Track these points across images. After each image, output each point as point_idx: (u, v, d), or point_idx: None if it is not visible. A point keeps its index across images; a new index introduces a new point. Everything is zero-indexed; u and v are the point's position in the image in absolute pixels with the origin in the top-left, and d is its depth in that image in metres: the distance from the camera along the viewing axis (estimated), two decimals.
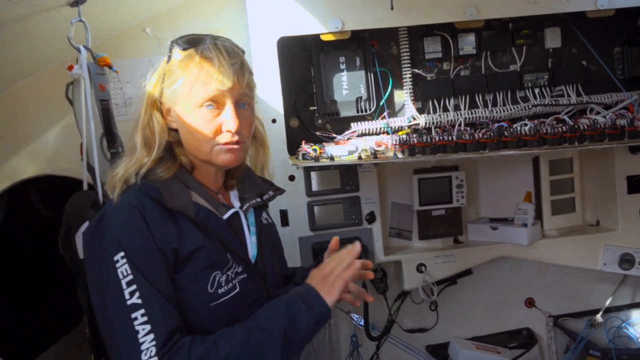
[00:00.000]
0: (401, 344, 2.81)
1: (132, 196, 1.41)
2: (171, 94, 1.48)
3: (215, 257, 1.45)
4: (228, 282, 1.46)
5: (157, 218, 1.40)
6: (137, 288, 1.32)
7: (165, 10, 2.49)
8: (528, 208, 2.59)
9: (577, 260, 2.66)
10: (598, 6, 2.39)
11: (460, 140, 2.20)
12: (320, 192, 2.46)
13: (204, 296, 1.42)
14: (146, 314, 1.31)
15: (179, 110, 1.48)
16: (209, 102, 1.45)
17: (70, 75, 1.91)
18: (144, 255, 1.36)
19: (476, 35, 2.50)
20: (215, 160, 1.49)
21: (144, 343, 1.29)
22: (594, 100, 2.53)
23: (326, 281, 1.47)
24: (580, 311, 2.89)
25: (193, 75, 1.44)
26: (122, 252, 1.34)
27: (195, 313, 1.41)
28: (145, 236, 1.37)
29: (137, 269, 1.33)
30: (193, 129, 1.46)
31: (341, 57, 2.44)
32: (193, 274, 1.42)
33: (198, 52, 1.46)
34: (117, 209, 1.40)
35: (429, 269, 2.58)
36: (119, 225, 1.37)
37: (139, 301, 1.31)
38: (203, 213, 1.47)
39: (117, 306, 1.32)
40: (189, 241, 1.42)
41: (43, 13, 1.84)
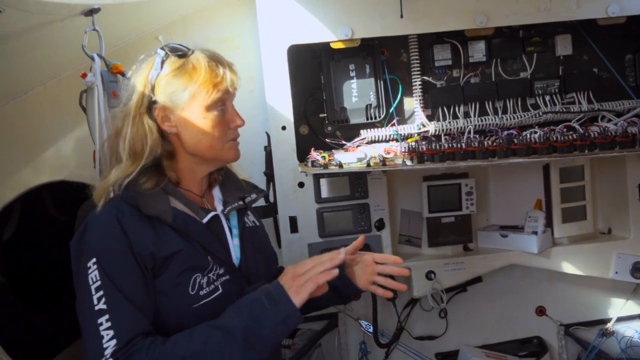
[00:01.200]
0: (410, 351, 2.80)
1: (111, 205, 1.46)
2: (175, 99, 1.50)
3: (195, 259, 1.48)
4: (209, 284, 1.49)
5: (134, 224, 1.43)
6: (103, 294, 1.35)
7: (178, 19, 2.53)
8: (538, 216, 2.57)
9: (589, 268, 2.63)
10: (609, 13, 2.38)
11: (469, 148, 2.20)
12: (330, 199, 2.48)
13: (186, 298, 1.45)
14: (110, 319, 1.33)
15: (187, 114, 1.51)
16: (220, 103, 1.52)
17: (84, 83, 1.94)
18: (114, 262, 1.39)
19: (486, 43, 2.50)
20: (224, 157, 1.59)
21: (107, 348, 1.32)
22: (606, 107, 2.51)
23: (297, 280, 1.43)
24: (591, 320, 2.86)
25: (202, 79, 1.49)
26: (94, 259, 1.38)
27: (178, 315, 1.44)
28: (119, 242, 1.40)
29: (106, 275, 1.37)
30: (207, 129, 1.52)
31: (351, 64, 2.46)
32: (173, 277, 1.44)
33: (201, 59, 1.51)
34: (96, 217, 1.45)
35: (438, 277, 2.58)
36: (96, 233, 1.42)
37: (104, 307, 1.34)
38: (181, 217, 1.50)
39: (87, 311, 1.36)
40: (167, 245, 1.45)
41: (58, 22, 1.88)
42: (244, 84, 2.53)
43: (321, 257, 1.50)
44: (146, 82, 1.52)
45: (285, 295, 1.40)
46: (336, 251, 1.52)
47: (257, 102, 2.52)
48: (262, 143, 2.53)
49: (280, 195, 2.44)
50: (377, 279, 1.66)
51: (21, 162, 2.41)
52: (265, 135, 2.51)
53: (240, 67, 2.55)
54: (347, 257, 1.67)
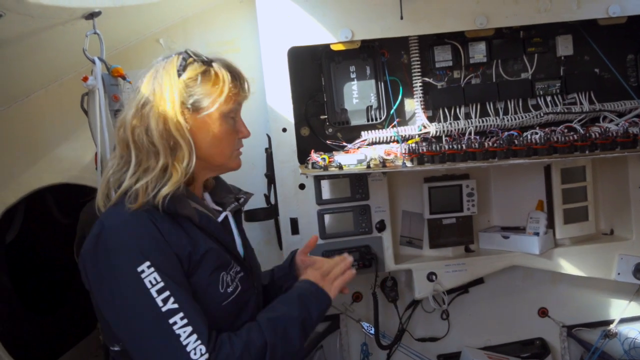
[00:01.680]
0: (412, 353, 2.80)
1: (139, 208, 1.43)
2: (196, 104, 1.51)
3: (221, 258, 1.52)
4: (232, 281, 1.54)
5: (168, 226, 1.44)
6: (170, 294, 1.35)
7: (179, 21, 2.55)
8: (540, 217, 2.57)
9: (591, 269, 2.62)
10: (610, 13, 2.38)
11: (469, 149, 2.19)
12: (331, 201, 2.48)
13: (217, 296, 1.49)
14: (185, 316, 1.35)
15: (206, 119, 1.53)
16: (233, 113, 1.59)
17: (85, 86, 1.96)
18: (168, 262, 1.40)
19: (487, 44, 2.50)
20: (231, 164, 1.65)
21: (189, 344, 1.33)
22: (607, 108, 2.50)
23: (326, 280, 1.69)
24: (594, 321, 2.85)
25: (224, 88, 1.54)
26: (147, 262, 1.36)
27: (208, 314, 1.44)
28: (163, 244, 1.41)
29: (167, 276, 1.37)
30: (220, 136, 1.57)
31: (351, 66, 2.46)
32: (206, 276, 1.47)
33: (221, 66, 1.56)
34: (125, 222, 1.41)
35: (439, 278, 2.57)
36: (136, 236, 1.39)
37: (175, 306, 1.35)
38: (204, 217, 1.53)
39: (150, 316, 1.34)
40: (200, 245, 1.48)
41: (59, 26, 1.89)
42: None
43: (333, 260, 1.79)
44: (172, 83, 1.50)
45: (322, 291, 1.64)
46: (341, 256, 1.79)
47: (258, 104, 2.52)
48: (263, 145, 2.54)
49: (281, 197, 2.44)
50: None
51: (24, 164, 2.43)
52: (266, 137, 2.51)
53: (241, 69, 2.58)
54: (298, 259, 1.88)
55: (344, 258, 1.77)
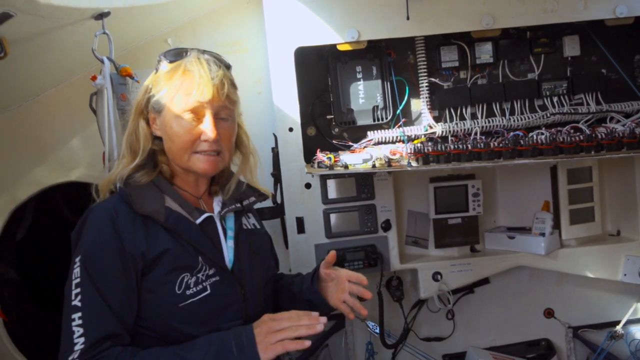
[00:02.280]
0: (417, 352, 2.80)
1: (110, 201, 1.52)
2: (156, 103, 1.57)
3: (184, 259, 1.50)
4: (197, 284, 1.50)
5: (127, 223, 1.48)
6: (80, 292, 1.40)
7: (187, 22, 2.57)
8: (546, 217, 2.56)
9: (597, 270, 2.62)
10: (617, 14, 2.37)
11: (474, 149, 2.20)
12: (336, 200, 2.49)
13: (172, 297, 1.47)
14: (82, 317, 1.38)
15: (163, 119, 1.57)
16: (189, 112, 1.53)
17: (94, 86, 1.99)
18: (100, 262, 1.43)
19: (493, 44, 2.50)
20: (193, 168, 1.57)
21: (77, 344, 1.36)
22: (614, 108, 2.49)
23: (269, 337, 1.40)
24: (600, 322, 2.84)
25: (176, 86, 1.54)
26: (80, 255, 1.43)
27: (165, 313, 1.47)
28: (109, 243, 1.44)
29: (86, 273, 1.41)
30: (173, 136, 1.55)
31: (358, 66, 2.47)
32: (161, 276, 1.48)
33: (182, 65, 1.56)
34: (92, 214, 1.51)
35: (445, 278, 2.58)
36: (88, 229, 1.47)
37: (78, 304, 1.39)
38: (174, 217, 1.53)
39: (65, 305, 1.42)
40: (157, 244, 1.48)
41: (69, 26, 1.91)
42: (251, 86, 2.60)
43: (300, 317, 1.44)
44: (148, 83, 1.60)
45: (254, 347, 1.39)
46: (315, 316, 1.45)
47: (265, 104, 2.54)
48: (270, 144, 2.55)
49: (287, 196, 2.46)
50: (347, 298, 1.71)
51: (34, 163, 2.47)
52: (272, 136, 2.53)
53: (248, 69, 2.61)
54: (322, 272, 1.74)
55: (315, 322, 1.43)
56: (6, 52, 1.66)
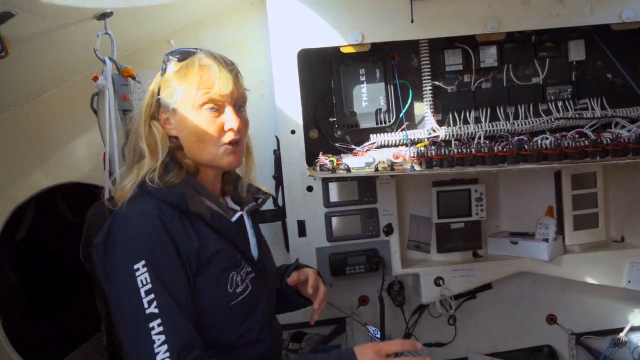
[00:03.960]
0: None
1: (149, 204, 1.45)
2: (170, 102, 1.54)
3: (231, 258, 1.52)
4: (243, 281, 1.53)
5: (177, 224, 1.45)
6: (155, 298, 1.35)
7: (190, 23, 2.56)
8: (550, 223, 2.54)
9: (601, 277, 2.59)
10: (623, 19, 2.35)
11: (478, 154, 2.18)
12: (339, 204, 2.47)
13: (226, 296, 1.48)
14: (162, 324, 1.33)
15: (180, 117, 1.54)
16: (211, 105, 1.52)
17: (96, 86, 1.98)
18: (165, 265, 1.39)
19: (498, 48, 2.48)
20: (220, 162, 1.56)
21: (159, 354, 1.31)
22: (620, 114, 2.48)
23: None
24: (604, 329, 2.81)
25: (194, 82, 1.51)
26: (143, 261, 1.37)
27: (216, 313, 1.46)
28: (167, 245, 1.41)
29: (158, 279, 1.36)
30: (197, 131, 1.52)
31: (361, 69, 2.46)
32: (214, 276, 1.47)
33: (196, 61, 1.54)
34: (135, 217, 1.43)
35: (447, 283, 2.55)
36: (141, 234, 1.41)
37: (156, 311, 1.34)
38: (216, 217, 1.53)
39: (135, 314, 1.35)
40: (210, 244, 1.48)
41: (71, 26, 1.91)
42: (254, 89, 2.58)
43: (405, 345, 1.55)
44: (155, 86, 1.57)
45: None
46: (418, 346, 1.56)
47: (268, 106, 2.53)
48: (272, 147, 2.53)
49: (289, 199, 2.44)
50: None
51: (35, 164, 2.46)
52: (274, 139, 2.51)
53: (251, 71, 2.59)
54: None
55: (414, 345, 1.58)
56: (8, 51, 1.65)
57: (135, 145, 1.56)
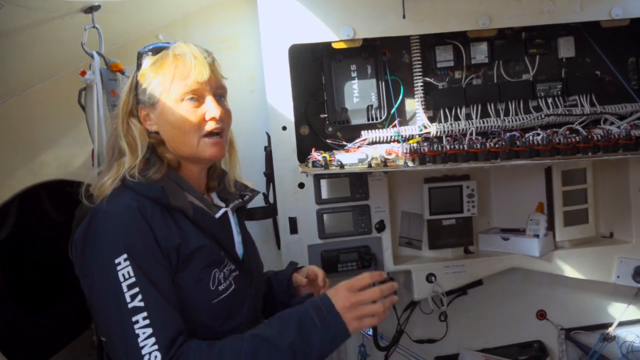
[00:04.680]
0: (410, 354, 2.78)
1: (129, 198, 1.42)
2: (148, 97, 1.51)
3: (213, 255, 1.48)
4: (225, 279, 1.50)
5: (158, 218, 1.42)
6: (139, 291, 1.32)
7: (179, 17, 2.52)
8: (540, 219, 2.56)
9: (590, 272, 2.61)
10: (613, 16, 2.37)
11: (471, 150, 2.18)
12: (330, 200, 2.46)
13: (207, 294, 1.45)
14: (148, 317, 1.31)
15: (159, 110, 1.51)
16: (190, 95, 1.49)
17: (83, 81, 1.93)
18: (147, 258, 1.37)
19: (489, 44, 2.49)
20: (202, 154, 1.53)
21: (145, 347, 1.29)
22: (608, 110, 2.49)
23: (354, 310, 1.38)
24: (593, 324, 2.83)
25: (169, 73, 1.49)
26: (124, 255, 1.34)
27: (197, 310, 1.43)
28: (148, 238, 1.38)
29: (141, 272, 1.34)
30: (178, 123, 1.50)
31: (352, 65, 2.45)
32: (195, 273, 1.44)
33: (170, 52, 1.52)
34: (115, 212, 1.40)
35: (438, 279, 2.55)
36: (121, 228, 1.38)
37: (140, 304, 1.31)
38: (199, 212, 1.50)
39: (117, 309, 1.32)
40: (191, 240, 1.45)
41: (58, 19, 1.86)
42: (244, 84, 2.56)
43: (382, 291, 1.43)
44: (131, 82, 1.55)
45: (336, 315, 1.37)
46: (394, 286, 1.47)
47: (258, 102, 2.50)
48: (262, 143, 2.51)
49: (280, 196, 2.42)
50: None
51: (19, 160, 2.39)
52: (265, 135, 2.49)
53: (241, 67, 2.57)
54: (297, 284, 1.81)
55: (392, 286, 1.47)
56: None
57: (114, 144, 1.54)
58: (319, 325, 1.35)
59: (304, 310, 1.40)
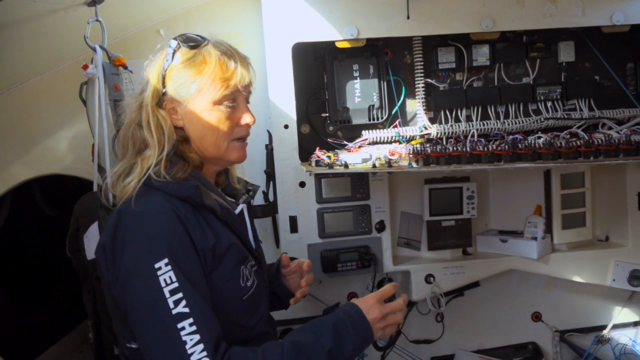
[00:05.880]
0: (406, 354, 2.78)
1: (160, 198, 1.38)
2: (179, 91, 1.46)
3: (241, 252, 1.48)
4: (250, 275, 1.50)
5: (192, 219, 1.39)
6: (183, 296, 1.28)
7: (180, 12, 2.49)
8: (538, 221, 2.57)
9: (587, 275, 2.63)
10: (614, 21, 2.39)
11: (475, 152, 2.18)
12: (331, 199, 2.44)
13: (238, 291, 1.45)
14: (194, 323, 1.27)
15: (190, 108, 1.46)
16: (230, 99, 1.47)
17: (85, 75, 1.90)
18: (187, 261, 1.33)
19: (490, 47, 2.50)
20: (228, 157, 1.52)
21: (194, 354, 1.25)
22: (606, 115, 2.52)
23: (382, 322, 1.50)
24: (587, 327, 2.86)
25: (210, 72, 1.44)
26: (165, 259, 1.29)
27: (228, 308, 1.42)
28: (185, 240, 1.35)
29: (183, 276, 1.30)
30: (211, 125, 1.46)
31: (355, 64, 2.44)
32: (228, 271, 1.43)
33: (212, 52, 1.46)
34: (147, 213, 1.35)
35: (437, 280, 2.56)
36: (158, 231, 1.33)
37: (185, 310, 1.27)
38: (225, 210, 1.48)
39: (159, 316, 1.27)
40: (223, 239, 1.43)
41: (61, 12, 1.83)
42: None
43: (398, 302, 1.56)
44: (159, 72, 1.47)
45: (367, 323, 1.46)
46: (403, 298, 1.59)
47: (259, 100, 2.46)
48: (263, 141, 2.49)
49: (281, 195, 2.40)
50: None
51: (15, 154, 2.36)
52: (266, 133, 2.47)
53: None
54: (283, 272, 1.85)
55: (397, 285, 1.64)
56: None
57: (134, 136, 1.47)
58: (352, 332, 1.42)
59: (337, 318, 1.45)
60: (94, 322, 2.08)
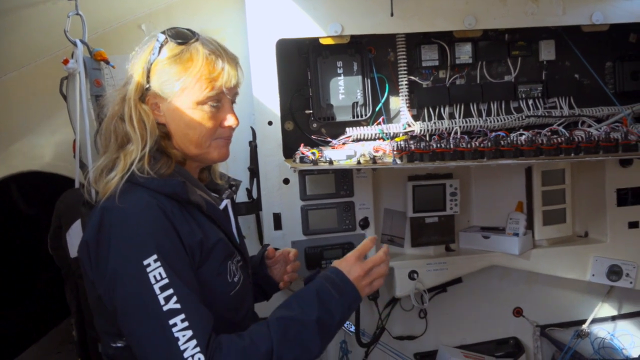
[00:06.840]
0: (390, 350, 2.79)
1: (145, 195, 1.35)
2: (163, 88, 1.43)
3: (227, 247, 1.47)
4: (237, 270, 1.48)
5: (178, 215, 1.37)
6: (173, 292, 1.25)
7: (162, 7, 2.45)
8: (520, 218, 2.60)
9: (567, 270, 2.68)
10: (593, 21, 2.43)
11: (459, 148, 2.20)
12: (315, 196, 2.44)
13: (226, 286, 1.43)
14: (187, 319, 1.25)
15: (174, 105, 1.43)
16: (215, 100, 1.44)
17: (65, 70, 1.86)
18: (176, 257, 1.31)
19: (473, 45, 2.52)
20: (210, 156, 1.50)
21: (187, 350, 1.23)
22: (586, 113, 2.56)
23: (365, 279, 1.49)
24: (567, 321, 2.91)
25: (196, 71, 1.41)
26: (154, 255, 1.27)
27: (216, 304, 1.40)
28: (173, 236, 1.33)
29: (174, 272, 1.27)
30: (194, 124, 1.44)
31: (339, 61, 2.43)
32: (215, 267, 1.41)
33: (200, 50, 1.43)
34: (133, 210, 1.32)
35: (420, 277, 2.57)
36: (145, 227, 1.30)
37: (177, 306, 1.25)
38: (211, 206, 1.47)
39: (150, 313, 1.25)
40: (210, 234, 1.42)
41: (40, 4, 1.80)
42: None
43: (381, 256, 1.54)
44: (144, 66, 1.44)
45: (350, 284, 1.45)
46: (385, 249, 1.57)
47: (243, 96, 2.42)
48: (246, 138, 2.47)
49: (265, 192, 2.39)
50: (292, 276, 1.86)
51: None
52: (249, 130, 2.45)
53: None
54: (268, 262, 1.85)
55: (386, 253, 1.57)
56: None
57: (116, 129, 1.43)
58: (336, 296, 1.41)
59: (319, 284, 1.44)
60: (77, 319, 2.05)
